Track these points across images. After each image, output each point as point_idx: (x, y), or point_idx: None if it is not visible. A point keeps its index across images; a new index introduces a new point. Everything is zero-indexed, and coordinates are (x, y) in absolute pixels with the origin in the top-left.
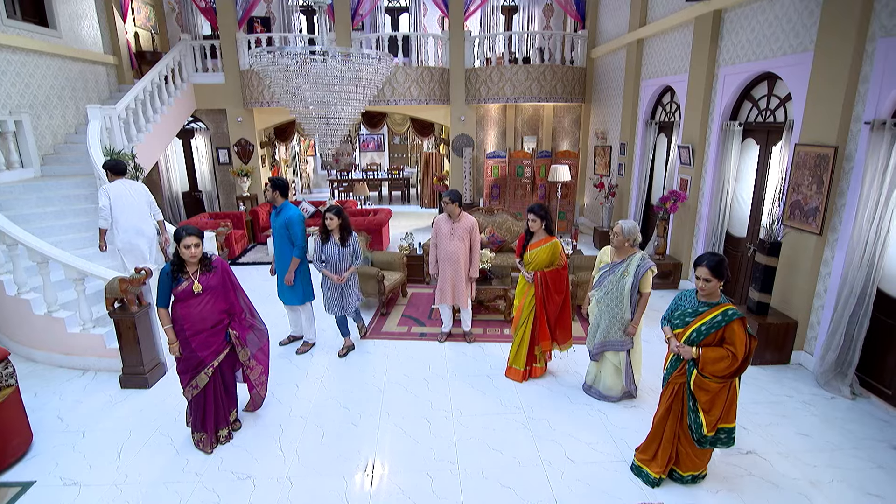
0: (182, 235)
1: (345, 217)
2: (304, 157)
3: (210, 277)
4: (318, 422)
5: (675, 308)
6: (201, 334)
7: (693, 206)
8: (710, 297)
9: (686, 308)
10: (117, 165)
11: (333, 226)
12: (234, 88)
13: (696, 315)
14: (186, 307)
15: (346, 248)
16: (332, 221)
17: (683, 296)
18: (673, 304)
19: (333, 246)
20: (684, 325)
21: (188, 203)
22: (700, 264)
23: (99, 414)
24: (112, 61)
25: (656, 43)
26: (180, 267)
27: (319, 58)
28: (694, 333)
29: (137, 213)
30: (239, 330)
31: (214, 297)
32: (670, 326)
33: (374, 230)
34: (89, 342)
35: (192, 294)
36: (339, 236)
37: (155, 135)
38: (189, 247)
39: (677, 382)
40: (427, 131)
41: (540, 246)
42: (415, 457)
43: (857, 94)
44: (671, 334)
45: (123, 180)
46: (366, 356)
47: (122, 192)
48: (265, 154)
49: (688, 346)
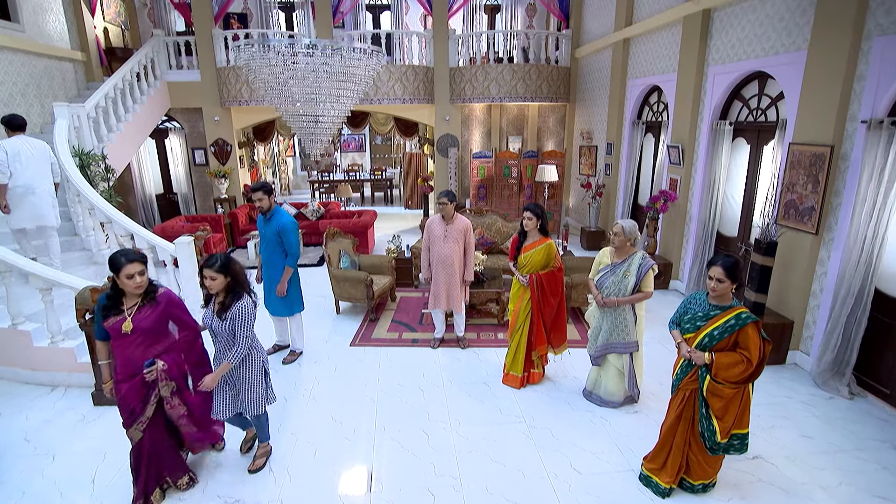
0: (121, 263)
1: (234, 271)
2: (284, 158)
3: (148, 314)
4: (310, 437)
5: (683, 311)
6: (132, 380)
7: (683, 205)
8: (721, 299)
9: (696, 311)
10: (14, 120)
11: (216, 287)
12: (211, 86)
13: (707, 319)
14: (117, 346)
15: (224, 321)
16: (214, 281)
17: (693, 298)
18: (682, 307)
19: (209, 314)
20: (696, 330)
21: (163, 206)
22: (714, 264)
23: (70, 434)
24: (80, 57)
25: (643, 42)
26: (117, 300)
27: (307, 51)
28: (706, 338)
29: (34, 170)
30: (170, 362)
31: (148, 338)
32: (680, 331)
33: (360, 232)
34: (58, 356)
35: (121, 333)
36: (221, 300)
37: (127, 135)
38: (133, 276)
39: (688, 388)
40: (411, 131)
41: (535, 248)
42: (415, 473)
43: (853, 92)
44: (681, 339)
45: (22, 136)
46: (357, 365)
47: (21, 149)
48: (243, 154)
49: (700, 351)
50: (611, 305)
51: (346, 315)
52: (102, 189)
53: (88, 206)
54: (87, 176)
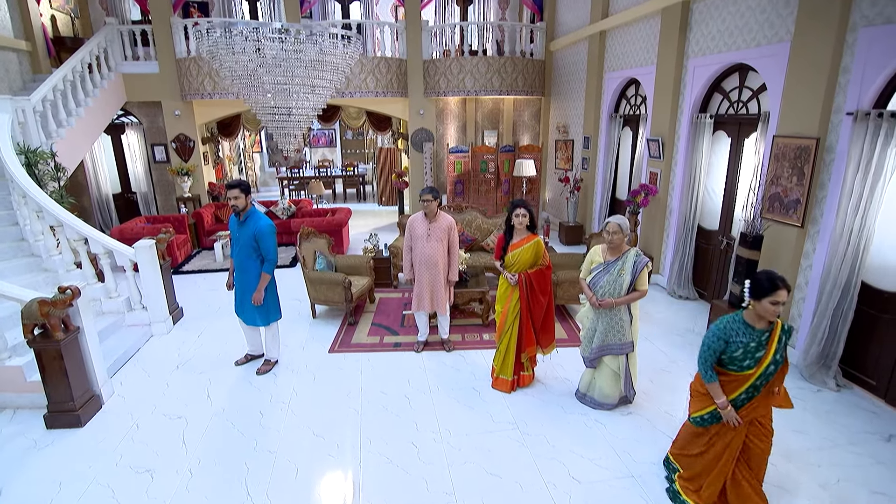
0: None
1: None
2: (251, 154)
3: None
4: (290, 455)
5: (720, 348)
6: None
7: (663, 199)
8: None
9: (747, 342)
10: None
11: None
12: (170, 79)
13: (763, 346)
14: None
15: None
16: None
17: (731, 329)
18: (717, 344)
19: None
20: (756, 363)
21: (121, 206)
22: (776, 288)
23: (20, 463)
24: (24, 47)
25: (620, 34)
26: None
27: (279, 36)
28: (771, 366)
29: None
30: None
31: None
32: (725, 371)
33: (334, 232)
34: (4, 375)
35: None
36: None
37: (78, 130)
38: None
39: (750, 418)
40: (384, 125)
41: (522, 246)
42: (406, 490)
43: (838, 84)
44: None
45: None
46: (337, 373)
47: None
48: (207, 151)
49: (776, 385)
50: (607, 307)
51: (323, 319)
52: (52, 189)
53: (36, 208)
54: (35, 175)
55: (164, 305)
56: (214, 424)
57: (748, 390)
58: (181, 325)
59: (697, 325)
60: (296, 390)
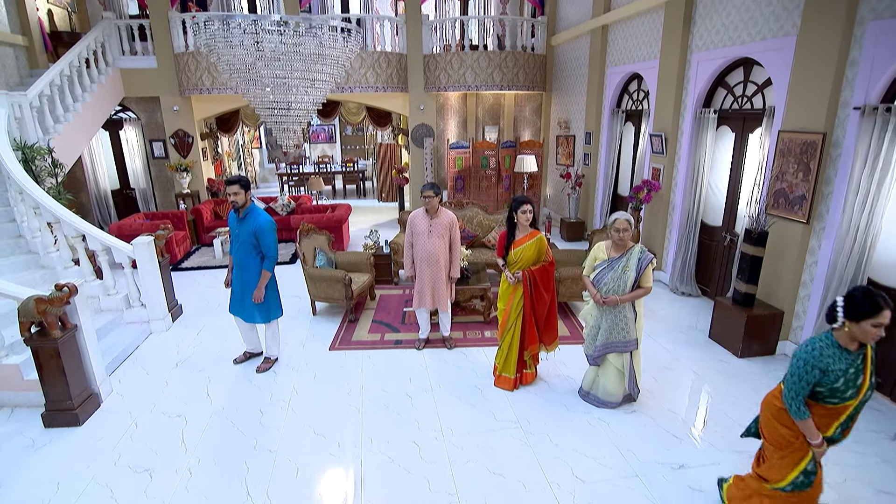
0: None
1: None
2: (250, 150)
3: None
4: (290, 455)
5: (815, 379)
6: None
7: (666, 195)
8: None
9: (846, 369)
10: None
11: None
12: (169, 74)
13: (861, 371)
14: None
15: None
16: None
17: (826, 356)
18: (812, 375)
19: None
20: (857, 391)
21: (119, 202)
22: (879, 309)
23: (18, 462)
24: (21, 42)
25: (623, 29)
26: None
27: (278, 29)
28: (869, 392)
29: None
30: None
31: None
32: (820, 405)
33: (335, 228)
34: (1, 373)
35: None
36: None
37: (76, 125)
38: None
39: None
40: (384, 121)
41: (525, 242)
42: (408, 490)
43: (846, 78)
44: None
45: None
46: (337, 370)
47: None
48: (206, 146)
49: None
50: (611, 304)
51: (323, 316)
52: (50, 185)
53: (33, 204)
54: (32, 171)
55: (162, 302)
56: (214, 423)
57: (845, 422)
58: (180, 322)
59: (700, 322)
60: (296, 388)
